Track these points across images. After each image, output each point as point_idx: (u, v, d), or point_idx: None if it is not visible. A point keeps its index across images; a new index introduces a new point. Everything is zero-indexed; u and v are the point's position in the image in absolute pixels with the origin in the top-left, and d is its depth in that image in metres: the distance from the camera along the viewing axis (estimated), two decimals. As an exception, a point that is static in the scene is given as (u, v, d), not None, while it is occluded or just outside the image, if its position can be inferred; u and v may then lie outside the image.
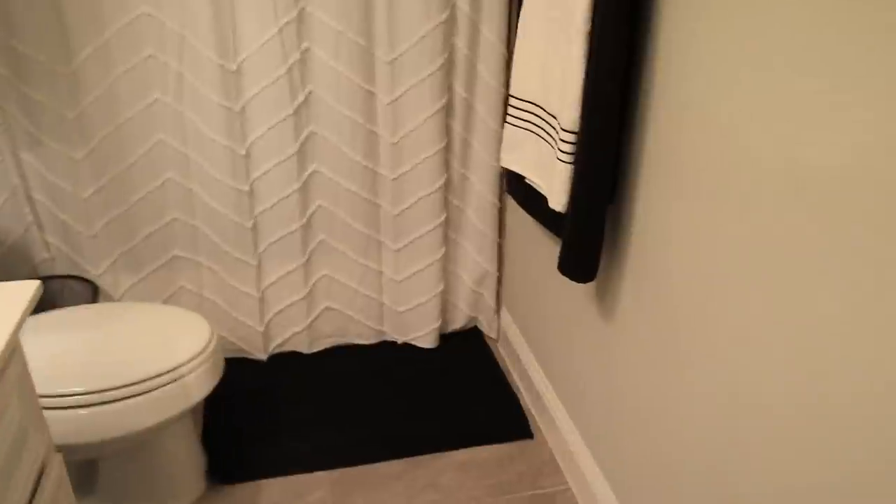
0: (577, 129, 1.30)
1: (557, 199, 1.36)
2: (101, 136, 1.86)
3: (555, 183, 1.36)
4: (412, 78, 1.91)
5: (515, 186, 1.61)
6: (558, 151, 1.34)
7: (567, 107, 1.29)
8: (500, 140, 2.05)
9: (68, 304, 1.93)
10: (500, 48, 1.95)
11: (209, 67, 1.80)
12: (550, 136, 1.41)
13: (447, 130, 2.02)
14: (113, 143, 1.87)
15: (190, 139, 1.89)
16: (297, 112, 1.89)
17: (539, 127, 1.47)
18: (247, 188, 1.94)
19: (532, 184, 1.51)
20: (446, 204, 2.12)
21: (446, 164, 2.07)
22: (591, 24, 1.22)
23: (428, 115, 1.95)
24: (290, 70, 1.84)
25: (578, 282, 1.40)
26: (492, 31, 1.93)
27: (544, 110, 1.44)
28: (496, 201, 2.14)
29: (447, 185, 2.10)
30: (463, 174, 2.12)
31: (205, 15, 1.74)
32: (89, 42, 1.76)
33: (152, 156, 1.91)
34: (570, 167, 1.33)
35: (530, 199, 1.54)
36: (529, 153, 1.51)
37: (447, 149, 2.05)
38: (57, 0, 1.69)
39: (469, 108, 2.02)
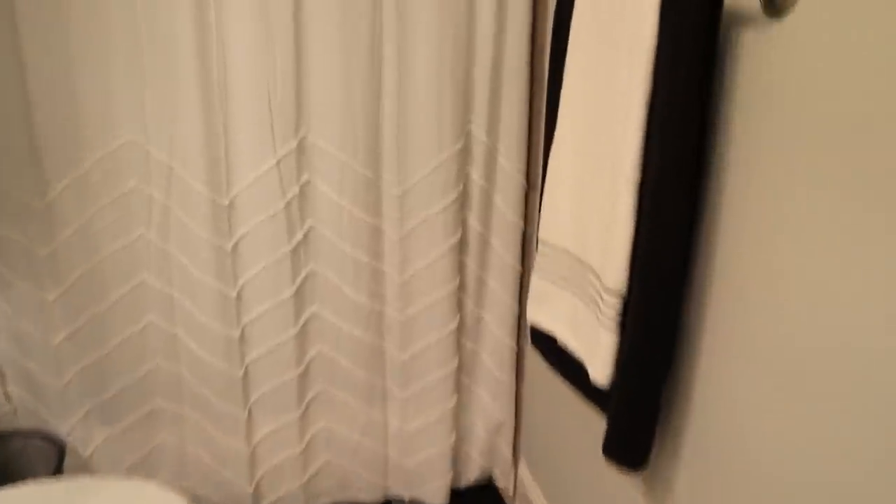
0: (624, 292, 1.10)
1: (600, 372, 1.15)
2: (77, 276, 1.66)
3: (597, 352, 1.15)
4: (423, 212, 1.73)
5: (546, 345, 1.39)
6: (601, 315, 1.14)
7: (612, 265, 1.10)
8: (518, 277, 1.86)
9: (29, 467, 1.69)
10: (519, 178, 1.78)
11: (199, 201, 1.62)
12: (590, 294, 1.21)
13: (461, 268, 1.83)
14: (89, 284, 1.67)
15: (175, 280, 1.69)
16: (295, 250, 1.70)
17: (575, 281, 1.27)
18: (237, 333, 1.73)
19: (566, 347, 1.30)
20: (459, 347, 1.91)
21: (459, 305, 1.86)
22: (641, 172, 1.04)
23: (440, 252, 1.76)
24: (288, 204, 1.66)
25: (626, 469, 1.17)
26: (509, 160, 1.76)
27: (581, 262, 1.24)
28: (514, 345, 1.93)
29: (460, 327, 1.89)
30: (478, 315, 1.91)
31: (195, 144, 1.58)
32: (67, 172, 1.59)
33: (133, 297, 1.71)
34: (616, 336, 1.12)
35: (564, 363, 1.32)
36: (563, 310, 1.31)
37: (461, 288, 1.85)
38: (31, 125, 1.53)
39: (485, 243, 1.84)
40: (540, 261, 1.37)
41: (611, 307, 1.11)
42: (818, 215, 0.84)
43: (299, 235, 1.70)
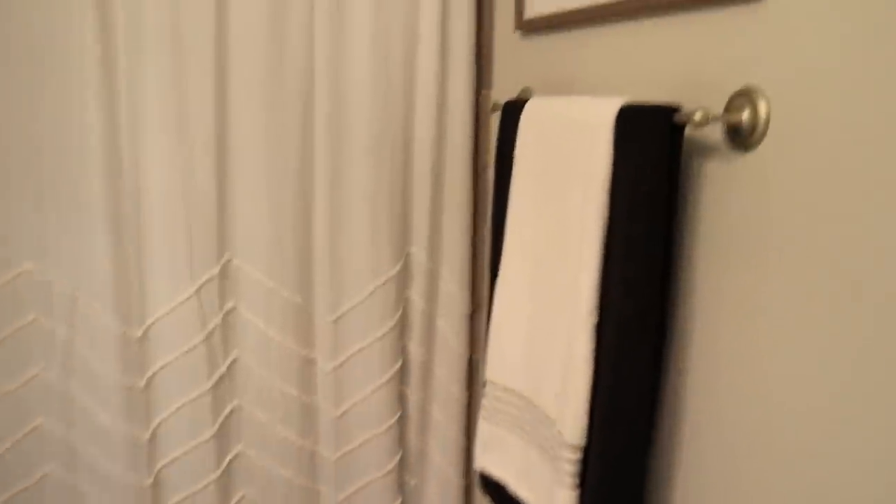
0: (584, 444, 0.97)
1: (561, 534, 1.00)
2: (-39, 421, 1.45)
3: (556, 511, 1.01)
4: (359, 341, 1.58)
5: (497, 493, 1.24)
6: (558, 470, 1.00)
7: (570, 414, 0.97)
8: (464, 408, 1.71)
9: None
10: (463, 301, 1.66)
11: (107, 335, 1.45)
12: (544, 442, 1.07)
13: (402, 399, 1.68)
14: (-25, 430, 1.47)
15: (77, 424, 1.49)
16: (217, 385, 1.53)
17: (528, 427, 1.13)
18: (150, 480, 1.53)
19: (519, 498, 1.15)
20: (402, 485, 1.73)
21: (401, 439, 1.70)
22: (599, 312, 0.93)
23: (378, 383, 1.61)
24: (209, 336, 1.50)
25: None
26: (453, 282, 1.65)
27: (535, 406, 1.11)
28: (462, 482, 1.76)
29: (402, 463, 1.72)
30: (421, 450, 1.74)
31: (103, 270, 1.42)
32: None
33: (26, 446, 1.50)
34: (575, 493, 0.98)
35: (519, 517, 1.17)
36: (515, 458, 1.16)
37: (402, 421, 1.69)
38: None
39: (427, 372, 1.69)
40: (487, 403, 1.23)
41: (569, 462, 0.98)
42: (786, 347, 0.78)
43: (222, 368, 1.53)
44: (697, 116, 0.81)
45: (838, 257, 0.73)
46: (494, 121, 1.52)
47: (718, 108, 0.88)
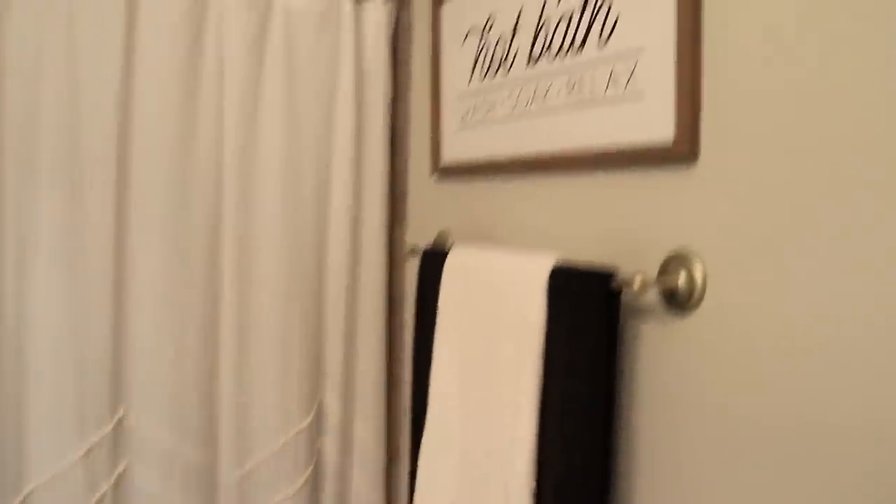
0: None
1: None
2: None
3: None
4: (268, 499, 1.46)
5: None
6: None
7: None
8: (382, 570, 1.59)
9: None
10: (379, 451, 1.57)
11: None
12: None
13: (316, 565, 1.54)
14: None
15: None
16: (103, 561, 1.36)
17: None
18: None
19: None
20: None
21: None
22: (538, 477, 0.88)
23: (289, 549, 1.48)
24: (98, 503, 1.35)
25: None
26: (367, 430, 1.56)
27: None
28: None
29: None
30: None
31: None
32: None
33: None
34: None
35: None
36: None
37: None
38: None
39: (343, 530, 1.57)
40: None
41: None
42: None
43: (111, 541, 1.37)
44: (636, 285, 0.80)
45: (765, 422, 0.73)
46: (411, 265, 1.51)
47: (652, 268, 0.88)
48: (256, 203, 1.46)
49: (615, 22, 0.96)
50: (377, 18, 1.58)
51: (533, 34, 1.13)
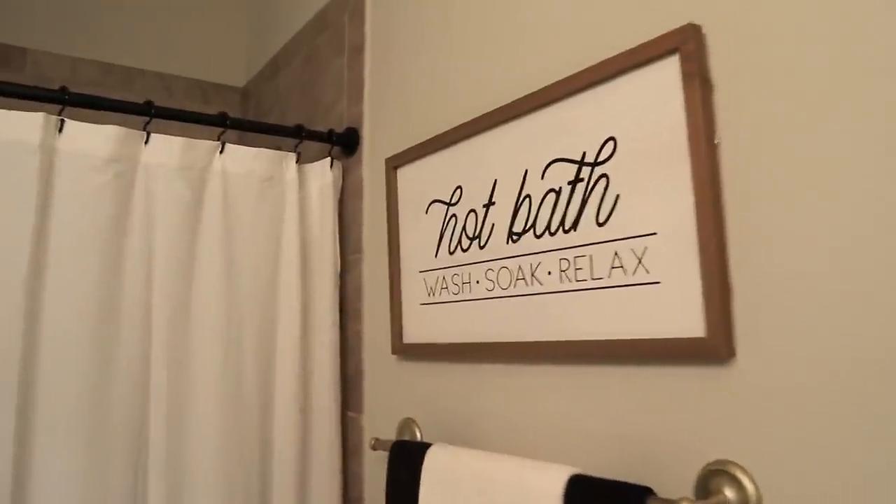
0: None
1: None
2: None
3: None
4: None
5: None
6: None
7: None
8: None
9: None
10: None
11: None
12: None
13: None
14: None
15: None
16: None
17: None
18: None
19: None
20: None
21: None
22: None
23: None
24: None
25: None
26: None
27: None
28: None
29: None
30: None
31: None
32: None
33: None
34: None
35: None
36: None
37: None
38: None
39: None
40: None
41: None
42: None
43: None
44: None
45: None
46: (372, 460, 1.33)
47: (685, 484, 0.75)
48: (189, 389, 1.28)
49: (615, 202, 0.88)
50: (323, 182, 1.47)
51: (512, 209, 1.03)
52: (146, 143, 1.30)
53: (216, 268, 1.31)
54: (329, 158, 1.48)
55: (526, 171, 1.02)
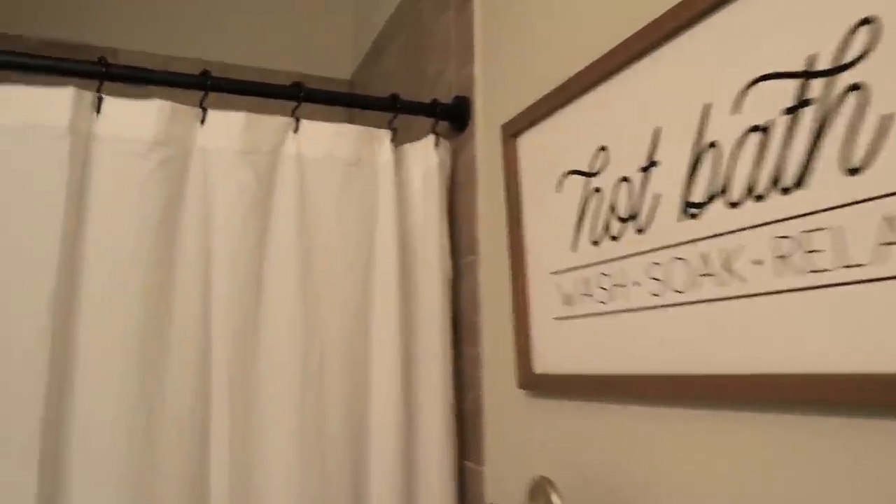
0: None
1: None
2: None
3: None
4: None
5: None
6: None
7: None
8: None
9: None
10: None
11: None
12: None
13: None
14: None
15: None
16: None
17: None
18: None
19: None
20: None
21: None
22: None
23: None
24: None
25: None
26: None
27: None
28: None
29: None
30: None
31: None
32: None
33: None
34: None
35: None
36: None
37: None
38: None
39: None
40: None
41: None
42: None
43: None
44: None
45: None
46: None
47: None
48: (257, 444, 0.99)
49: (879, 129, 0.50)
50: (427, 166, 1.15)
51: (687, 168, 0.67)
52: (202, 122, 1.03)
53: (290, 280, 1.02)
54: (433, 136, 1.16)
55: (707, 107, 0.65)
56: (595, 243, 0.80)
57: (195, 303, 0.99)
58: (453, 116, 1.17)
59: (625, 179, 0.76)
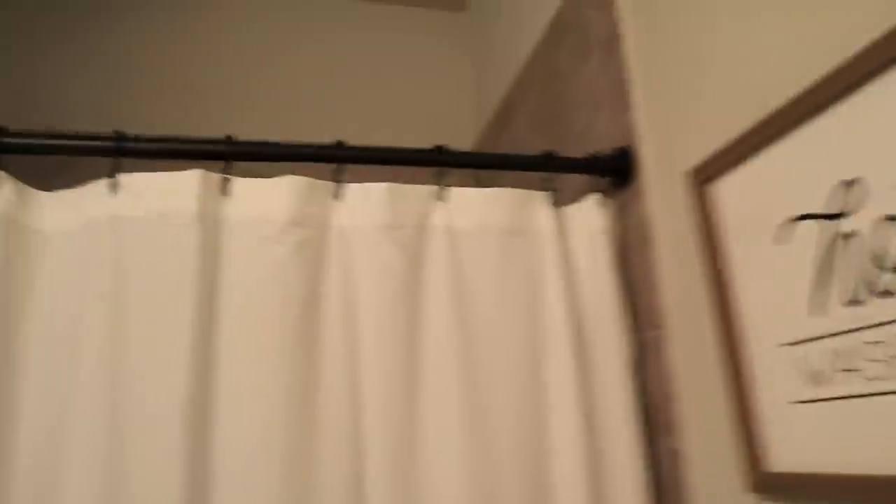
0: None
1: None
2: None
3: None
4: None
5: None
6: None
7: None
8: None
9: None
10: None
11: None
12: None
13: None
14: None
15: None
16: None
17: None
18: None
19: None
20: None
21: None
22: None
23: None
24: None
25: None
26: None
27: None
28: None
29: None
30: None
31: None
32: None
33: None
34: None
35: None
36: None
37: None
38: None
39: None
40: None
41: None
42: None
43: None
44: None
45: None
46: None
47: None
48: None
49: None
50: (592, 228, 1.00)
51: None
52: (336, 197, 0.93)
53: (448, 371, 0.88)
54: (597, 195, 1.02)
55: None
56: (851, 302, 0.62)
57: (342, 405, 0.86)
58: (616, 170, 1.02)
59: (892, 219, 0.58)
